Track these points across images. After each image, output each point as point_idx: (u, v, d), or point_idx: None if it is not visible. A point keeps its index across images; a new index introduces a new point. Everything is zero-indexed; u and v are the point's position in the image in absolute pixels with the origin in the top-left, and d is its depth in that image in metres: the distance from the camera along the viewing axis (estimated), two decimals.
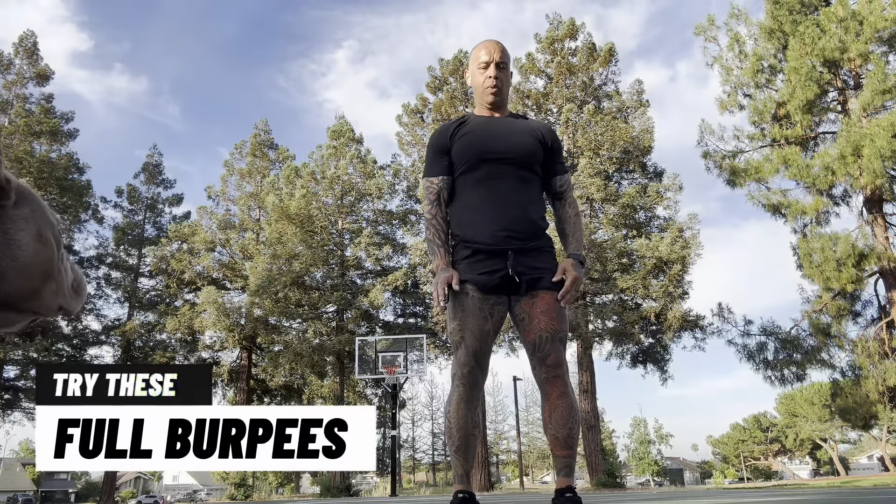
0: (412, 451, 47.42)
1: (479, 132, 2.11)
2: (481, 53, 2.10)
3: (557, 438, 1.96)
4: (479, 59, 2.10)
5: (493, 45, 2.11)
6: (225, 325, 23.68)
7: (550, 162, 2.15)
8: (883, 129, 14.34)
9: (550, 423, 1.97)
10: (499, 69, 2.08)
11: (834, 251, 15.48)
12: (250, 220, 27.67)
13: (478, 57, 2.11)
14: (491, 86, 2.08)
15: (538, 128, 2.16)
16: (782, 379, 17.56)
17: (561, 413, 1.95)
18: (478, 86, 2.13)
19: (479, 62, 2.10)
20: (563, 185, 2.17)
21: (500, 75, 2.09)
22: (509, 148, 2.08)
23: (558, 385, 1.98)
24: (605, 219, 21.77)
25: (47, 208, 0.66)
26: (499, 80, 2.08)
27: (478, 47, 2.14)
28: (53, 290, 0.65)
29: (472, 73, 2.15)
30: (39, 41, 25.51)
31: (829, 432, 46.26)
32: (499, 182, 2.06)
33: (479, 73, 2.11)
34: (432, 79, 26.53)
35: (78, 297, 0.70)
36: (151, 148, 35.76)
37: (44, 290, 0.64)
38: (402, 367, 17.90)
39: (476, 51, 2.14)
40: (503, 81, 2.10)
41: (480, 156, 2.08)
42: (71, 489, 52.48)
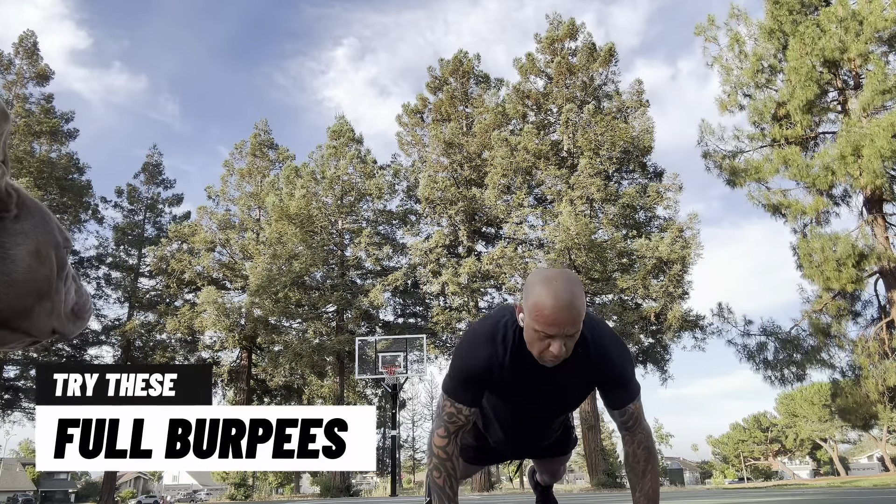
0: (412, 451, 47.40)
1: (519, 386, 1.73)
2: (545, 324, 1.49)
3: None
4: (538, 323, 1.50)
5: (563, 316, 1.47)
6: (225, 325, 23.68)
7: (611, 396, 1.76)
8: (883, 129, 14.34)
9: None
10: (568, 338, 1.53)
11: (834, 251, 15.49)
12: (250, 220, 27.67)
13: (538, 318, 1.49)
14: (551, 360, 1.56)
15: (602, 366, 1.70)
16: (782, 379, 17.57)
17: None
18: (531, 345, 1.57)
19: (538, 327, 1.50)
20: (628, 421, 1.75)
21: (568, 345, 1.54)
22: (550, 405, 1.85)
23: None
24: (605, 219, 21.77)
25: (55, 226, 0.63)
26: (564, 353, 1.54)
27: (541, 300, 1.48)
28: (48, 310, 0.62)
29: (526, 323, 1.55)
30: (38, 39, 25.53)
31: (829, 432, 46.28)
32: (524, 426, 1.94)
33: (536, 338, 1.54)
34: (432, 79, 26.53)
35: (77, 321, 0.67)
36: (151, 148, 35.79)
37: (36, 310, 0.61)
38: (402, 367, 17.90)
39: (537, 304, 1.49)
40: (569, 350, 1.56)
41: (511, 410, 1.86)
42: (71, 489, 52.49)
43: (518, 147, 21.88)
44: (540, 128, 22.94)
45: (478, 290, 22.73)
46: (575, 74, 23.29)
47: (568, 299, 1.47)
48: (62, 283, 0.63)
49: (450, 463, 1.73)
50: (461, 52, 26.17)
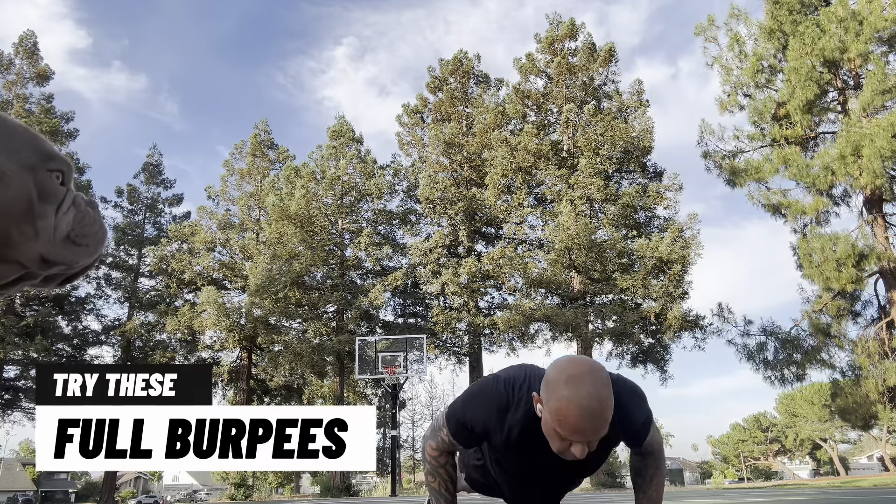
0: (412, 451, 47.37)
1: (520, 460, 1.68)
2: (569, 431, 1.35)
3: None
4: (562, 429, 1.36)
5: (590, 428, 1.34)
6: (225, 325, 23.68)
7: (631, 443, 1.69)
8: (883, 129, 14.34)
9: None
10: (590, 446, 1.40)
11: (834, 251, 15.49)
12: (250, 220, 27.67)
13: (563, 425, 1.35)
14: (572, 458, 1.42)
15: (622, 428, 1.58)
16: (782, 379, 17.57)
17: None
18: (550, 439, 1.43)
19: (562, 432, 1.37)
20: (646, 448, 1.71)
21: (591, 446, 1.40)
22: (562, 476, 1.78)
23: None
24: (605, 219, 21.77)
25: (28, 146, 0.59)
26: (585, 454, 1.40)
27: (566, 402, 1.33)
28: (30, 235, 0.57)
29: (545, 420, 1.41)
30: (38, 39, 25.53)
31: (829, 432, 46.28)
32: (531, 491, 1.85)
33: (557, 437, 1.40)
34: (432, 79, 26.53)
35: (74, 247, 0.61)
36: (151, 148, 35.78)
37: (14, 235, 0.56)
38: (402, 367, 17.90)
39: (562, 408, 1.34)
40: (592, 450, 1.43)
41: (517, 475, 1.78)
42: (71, 489, 52.47)
43: (518, 147, 21.88)
44: (540, 128, 22.94)
45: (478, 290, 22.74)
46: (575, 74, 23.29)
47: (597, 409, 1.32)
48: (50, 207, 0.59)
49: (443, 470, 1.70)
50: (461, 52, 26.18)
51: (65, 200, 0.61)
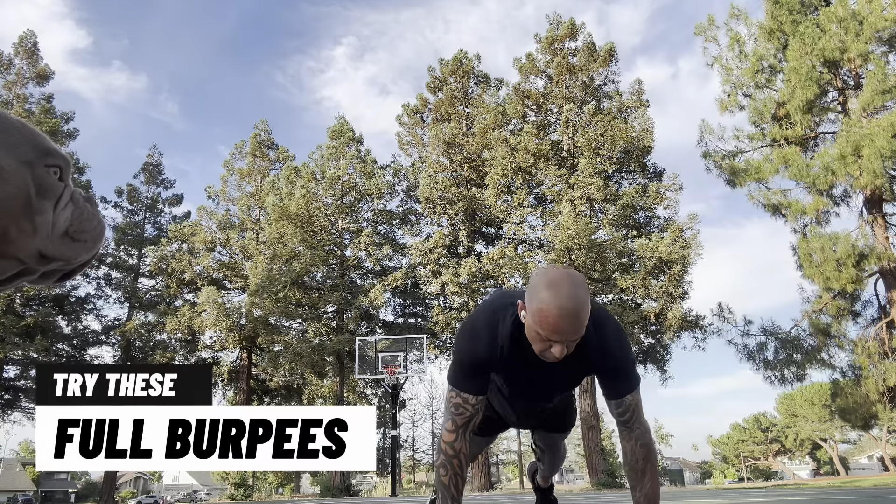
0: (412, 451, 47.40)
1: (520, 373, 1.76)
2: (549, 331, 1.48)
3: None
4: (543, 329, 1.48)
5: (568, 325, 1.46)
6: (225, 325, 23.68)
7: (608, 385, 1.75)
8: (883, 129, 14.34)
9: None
10: (570, 342, 1.52)
11: (834, 251, 15.49)
12: (250, 220, 27.67)
13: (543, 324, 1.48)
14: (553, 359, 1.55)
15: (601, 355, 1.69)
16: (782, 379, 17.58)
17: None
18: (533, 341, 1.56)
19: (542, 332, 1.49)
20: (624, 413, 1.75)
21: (569, 347, 1.53)
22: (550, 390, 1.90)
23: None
24: (605, 219, 21.77)
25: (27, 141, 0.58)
26: (564, 354, 1.53)
27: (546, 306, 1.46)
28: (28, 231, 0.57)
29: (529, 324, 1.54)
30: (38, 39, 25.53)
31: (829, 432, 46.28)
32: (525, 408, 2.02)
33: (538, 339, 1.53)
34: (432, 79, 26.53)
35: (73, 243, 0.62)
36: (151, 148, 35.78)
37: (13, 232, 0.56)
38: (402, 367, 17.90)
39: (542, 310, 1.47)
40: (570, 351, 1.55)
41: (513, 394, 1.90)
42: (71, 489, 52.48)
43: (518, 147, 21.88)
44: (540, 128, 22.94)
45: (478, 290, 22.73)
46: (575, 74, 23.29)
47: (573, 308, 1.44)
48: (48, 203, 0.59)
49: (456, 460, 1.70)
50: (461, 52, 26.18)
51: (63, 196, 0.61)
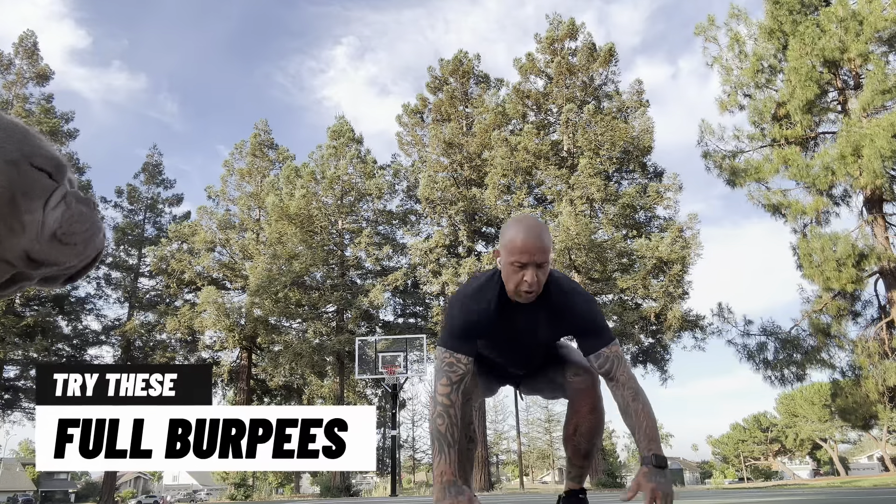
0: (412, 451, 47.42)
1: (504, 332, 1.92)
2: (518, 253, 1.72)
3: (579, 451, 2.01)
4: (513, 255, 1.73)
5: (532, 244, 1.71)
6: (225, 325, 23.68)
7: (584, 343, 1.92)
8: (883, 129, 14.34)
9: (575, 436, 2.00)
10: (538, 268, 1.74)
11: (834, 251, 15.49)
12: (250, 220, 27.67)
13: (512, 250, 1.73)
14: (526, 290, 1.77)
15: (568, 312, 1.89)
16: (782, 379, 17.57)
17: (588, 428, 1.99)
18: (509, 280, 1.80)
19: (513, 259, 1.74)
20: (604, 365, 1.88)
21: (539, 276, 1.75)
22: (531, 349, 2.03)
23: (589, 398, 2.00)
24: (605, 219, 21.77)
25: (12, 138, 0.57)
26: (536, 283, 1.75)
27: (513, 235, 1.75)
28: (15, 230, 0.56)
29: (503, 260, 1.79)
30: (38, 39, 25.52)
31: (829, 432, 46.28)
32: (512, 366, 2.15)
33: (511, 271, 1.76)
34: (432, 79, 26.53)
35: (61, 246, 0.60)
36: (151, 148, 35.80)
37: None
38: (402, 367, 17.90)
39: (510, 239, 1.75)
40: (541, 282, 1.77)
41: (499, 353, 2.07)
42: (71, 489, 52.50)
43: (518, 147, 21.88)
44: (540, 128, 22.94)
45: None
46: (575, 74, 23.29)
47: (536, 231, 1.73)
48: (35, 203, 0.58)
49: (452, 410, 1.80)
50: (461, 52, 26.18)
51: (53, 196, 0.60)
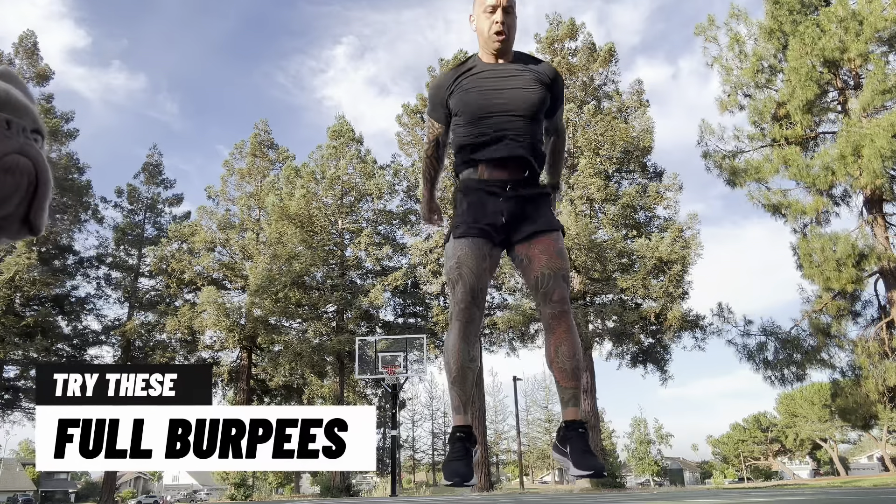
0: (412, 451, 47.44)
1: (481, 86, 2.05)
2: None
3: (565, 371, 1.97)
4: (484, 3, 1.99)
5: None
6: (225, 325, 23.68)
7: (552, 106, 2.13)
8: (883, 129, 14.34)
9: (557, 358, 1.98)
10: (506, 13, 1.98)
11: (834, 251, 15.49)
12: (250, 220, 27.67)
13: (484, 0, 2.00)
14: (497, 31, 1.97)
15: (545, 72, 2.09)
16: (782, 379, 17.57)
17: (568, 347, 1.97)
18: (483, 31, 2.03)
19: (484, 5, 1.99)
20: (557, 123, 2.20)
21: (508, 20, 1.99)
22: (514, 103, 2.05)
23: (564, 320, 2.00)
24: (605, 219, 21.76)
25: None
26: (505, 26, 1.98)
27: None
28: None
29: (476, 16, 2.04)
30: (37, 39, 25.52)
31: (829, 432, 46.26)
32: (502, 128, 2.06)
33: (484, 18, 2.00)
34: (432, 78, 26.53)
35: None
36: (151, 148, 35.81)
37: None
38: (402, 367, 17.89)
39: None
40: (510, 27, 2.01)
41: (481, 112, 2.06)
42: (71, 489, 52.49)
43: None
44: None
45: None
46: (575, 74, 23.28)
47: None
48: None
49: (429, 161, 2.23)
50: (461, 52, 26.17)
51: None
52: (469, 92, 2.05)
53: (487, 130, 2.05)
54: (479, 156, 2.09)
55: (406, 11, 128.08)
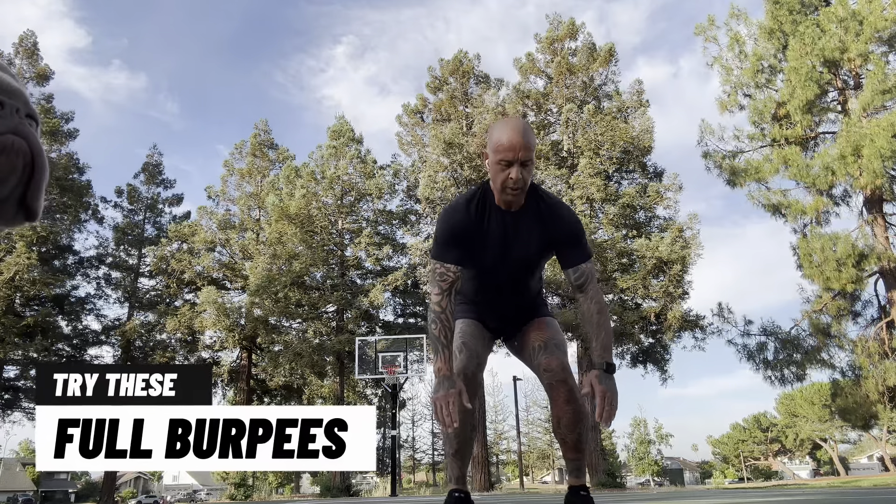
0: (412, 451, 47.43)
1: (490, 244, 1.99)
2: (504, 150, 1.79)
3: (567, 443, 2.05)
4: (499, 153, 1.80)
5: (518, 141, 1.78)
6: (225, 325, 23.68)
7: (565, 254, 2.00)
8: (883, 129, 14.34)
9: (559, 429, 2.07)
10: (523, 167, 1.81)
11: (834, 251, 15.49)
12: (250, 220, 27.67)
13: (498, 148, 1.80)
14: (512, 188, 1.84)
15: (554, 220, 1.98)
16: (782, 379, 17.57)
17: (569, 419, 2.03)
18: (495, 180, 1.87)
19: (499, 157, 1.80)
20: (580, 279, 1.97)
21: (524, 174, 1.82)
22: (517, 264, 2.05)
23: (563, 389, 2.06)
24: (605, 219, 21.76)
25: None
26: (521, 181, 1.82)
27: (499, 134, 1.82)
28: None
29: (490, 161, 1.86)
30: (37, 38, 25.51)
31: (829, 432, 46.27)
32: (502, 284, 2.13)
33: (499, 170, 1.83)
34: (432, 79, 26.53)
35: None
36: (151, 147, 35.79)
37: None
38: (402, 367, 17.89)
39: (497, 139, 1.82)
40: (526, 181, 1.84)
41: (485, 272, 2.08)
42: (71, 489, 52.47)
43: None
44: (540, 128, 22.94)
45: None
46: (575, 74, 23.28)
47: (521, 128, 1.80)
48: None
49: (444, 315, 1.94)
50: (461, 52, 26.18)
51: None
52: (478, 248, 2.00)
53: (489, 285, 2.13)
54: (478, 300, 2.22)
55: (406, 10, 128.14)
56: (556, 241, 2.00)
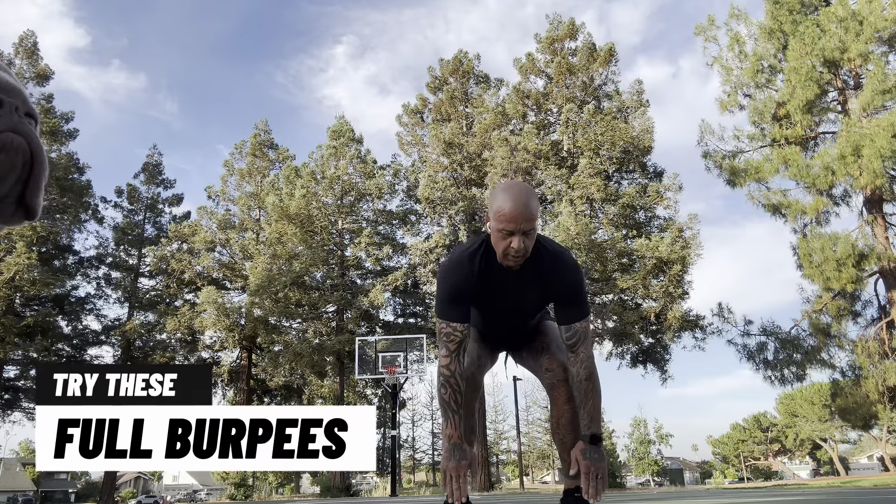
0: (412, 451, 47.44)
1: (492, 301, 1.99)
2: (506, 221, 1.75)
3: (565, 444, 2.05)
4: (501, 223, 1.76)
5: (519, 213, 1.73)
6: (225, 325, 23.67)
7: (561, 311, 1.98)
8: (883, 129, 14.34)
9: (559, 430, 2.07)
10: (525, 236, 1.77)
11: (834, 251, 15.48)
12: (250, 220, 27.67)
13: (500, 217, 1.76)
14: (514, 256, 1.79)
15: (555, 276, 1.93)
16: (782, 379, 17.57)
17: (568, 419, 2.02)
18: (497, 246, 1.82)
19: (501, 226, 1.76)
20: (572, 338, 1.94)
21: (526, 243, 1.78)
22: (519, 310, 2.07)
23: (563, 390, 2.07)
24: (605, 219, 21.76)
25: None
26: (523, 250, 1.78)
27: (501, 202, 1.77)
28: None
29: (492, 226, 1.81)
30: (37, 38, 25.50)
31: (829, 432, 46.26)
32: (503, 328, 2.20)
33: (500, 237, 1.78)
34: (432, 79, 26.53)
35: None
36: (151, 147, 35.80)
37: None
38: (402, 367, 17.89)
39: (499, 206, 1.77)
40: (528, 249, 1.80)
41: (487, 326, 2.16)
42: (71, 489, 52.46)
43: (518, 147, 21.88)
44: (540, 128, 22.94)
45: None
46: (575, 74, 23.28)
47: (524, 199, 1.75)
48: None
49: (453, 379, 1.89)
50: (461, 52, 26.17)
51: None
52: (479, 302, 2.00)
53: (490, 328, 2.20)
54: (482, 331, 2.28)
55: (406, 10, 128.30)
56: (555, 297, 1.98)
